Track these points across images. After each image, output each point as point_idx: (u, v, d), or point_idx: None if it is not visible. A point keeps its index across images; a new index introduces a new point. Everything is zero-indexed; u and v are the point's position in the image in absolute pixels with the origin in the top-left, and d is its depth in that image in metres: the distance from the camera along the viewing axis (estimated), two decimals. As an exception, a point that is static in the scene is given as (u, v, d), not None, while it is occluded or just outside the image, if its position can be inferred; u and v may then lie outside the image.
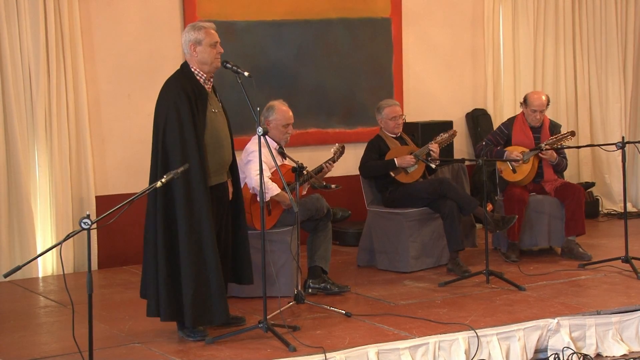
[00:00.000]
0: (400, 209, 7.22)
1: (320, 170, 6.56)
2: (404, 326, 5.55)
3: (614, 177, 9.77)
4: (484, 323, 5.57)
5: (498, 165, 7.54)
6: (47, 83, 7.34)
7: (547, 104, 7.60)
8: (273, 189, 6.25)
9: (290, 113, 6.56)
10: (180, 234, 5.22)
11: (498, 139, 7.66)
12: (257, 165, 5.60)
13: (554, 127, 7.67)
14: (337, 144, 6.81)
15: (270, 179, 6.26)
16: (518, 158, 7.41)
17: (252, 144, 6.33)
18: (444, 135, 7.37)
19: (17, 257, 7.27)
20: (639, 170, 10.15)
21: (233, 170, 5.65)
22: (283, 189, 6.23)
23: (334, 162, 6.67)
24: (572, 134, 7.56)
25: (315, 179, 6.47)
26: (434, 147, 7.21)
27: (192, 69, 5.41)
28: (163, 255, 5.25)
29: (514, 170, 7.50)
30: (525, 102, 7.61)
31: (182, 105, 5.25)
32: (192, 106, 5.26)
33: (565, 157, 7.67)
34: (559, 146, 7.45)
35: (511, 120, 7.74)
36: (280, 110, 6.51)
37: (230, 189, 5.62)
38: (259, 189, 5.48)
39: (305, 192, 6.57)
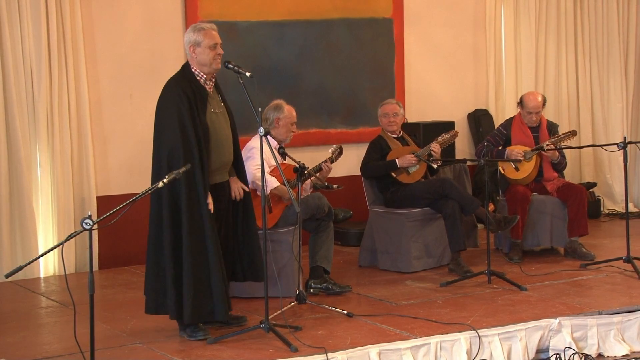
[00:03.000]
0: (401, 209, 7.21)
1: (318, 169, 6.57)
2: (406, 326, 5.55)
3: (615, 177, 9.76)
4: (485, 323, 5.57)
5: (500, 164, 7.54)
6: (48, 83, 7.34)
7: (544, 105, 7.59)
8: (272, 182, 6.28)
9: (294, 112, 6.70)
10: (184, 234, 5.25)
11: (497, 140, 7.65)
12: (256, 161, 5.64)
13: (552, 127, 7.68)
14: (334, 145, 6.83)
15: (269, 174, 6.28)
16: (519, 158, 7.40)
17: (253, 142, 6.37)
18: (445, 136, 7.37)
19: (18, 258, 7.27)
20: (640, 171, 10.17)
21: (240, 170, 5.66)
22: (283, 184, 6.24)
23: (331, 162, 6.69)
24: (574, 133, 7.56)
25: (316, 178, 6.47)
26: (435, 148, 7.21)
27: (193, 70, 5.45)
28: (169, 254, 5.27)
29: (517, 169, 7.49)
30: (521, 103, 7.60)
31: (182, 106, 5.28)
32: (192, 107, 5.29)
33: (564, 156, 7.67)
34: (560, 146, 7.46)
35: (509, 121, 7.73)
36: (288, 108, 6.65)
37: (238, 188, 5.62)
38: (257, 182, 5.49)
39: (308, 194, 6.58)
